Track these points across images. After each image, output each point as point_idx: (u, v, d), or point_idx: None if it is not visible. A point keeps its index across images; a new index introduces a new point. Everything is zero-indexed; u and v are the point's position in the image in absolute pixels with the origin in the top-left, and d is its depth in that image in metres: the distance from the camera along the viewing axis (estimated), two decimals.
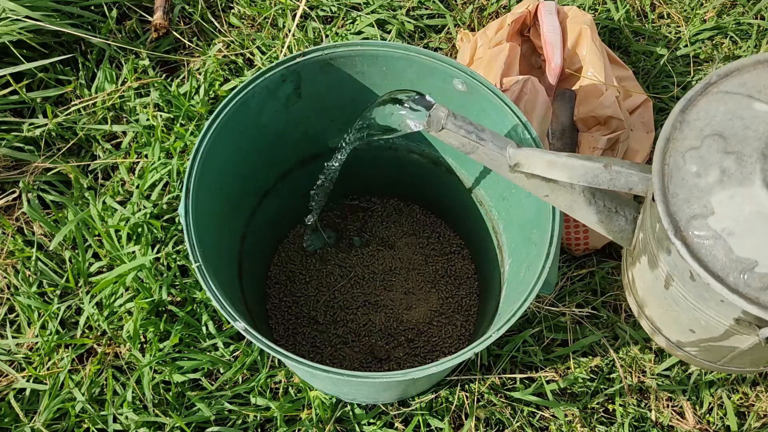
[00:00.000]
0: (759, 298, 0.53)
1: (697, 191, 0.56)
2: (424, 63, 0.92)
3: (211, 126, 0.87)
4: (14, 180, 1.32)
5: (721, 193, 0.55)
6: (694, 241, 0.56)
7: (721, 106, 0.58)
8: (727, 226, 0.55)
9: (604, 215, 0.71)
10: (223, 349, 1.16)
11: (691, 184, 0.57)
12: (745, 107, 0.57)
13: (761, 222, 0.54)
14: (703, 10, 1.55)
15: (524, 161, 0.73)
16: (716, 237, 0.55)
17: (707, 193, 0.56)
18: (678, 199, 0.57)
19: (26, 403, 1.13)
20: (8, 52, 1.38)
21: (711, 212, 0.56)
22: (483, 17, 1.53)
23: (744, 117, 0.57)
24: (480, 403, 1.13)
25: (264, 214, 1.13)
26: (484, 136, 0.75)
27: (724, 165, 0.56)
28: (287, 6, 1.50)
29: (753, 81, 0.58)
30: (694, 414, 1.15)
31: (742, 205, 0.54)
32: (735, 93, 0.58)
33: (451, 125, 0.75)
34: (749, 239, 0.54)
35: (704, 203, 0.56)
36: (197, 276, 0.80)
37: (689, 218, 0.56)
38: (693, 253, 0.56)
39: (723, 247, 0.55)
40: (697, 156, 0.57)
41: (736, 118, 0.57)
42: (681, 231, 0.56)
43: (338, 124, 1.08)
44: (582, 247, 1.24)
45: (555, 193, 0.72)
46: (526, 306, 0.78)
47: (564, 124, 1.29)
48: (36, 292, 1.20)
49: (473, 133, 0.75)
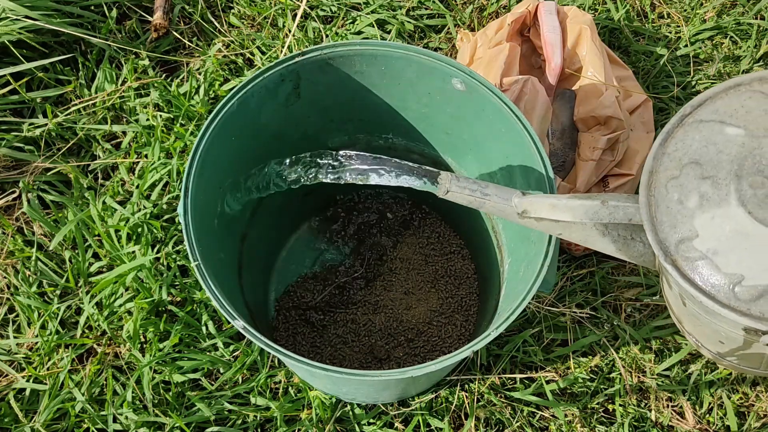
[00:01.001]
0: (750, 310, 0.56)
1: (681, 217, 0.60)
2: (423, 62, 0.92)
3: (210, 125, 0.87)
4: (14, 180, 1.32)
5: (702, 216, 0.59)
6: (683, 264, 0.60)
7: (696, 134, 0.62)
8: (711, 246, 0.58)
9: (620, 244, 0.73)
10: (223, 349, 1.16)
11: (675, 210, 0.61)
12: (717, 133, 0.61)
13: (741, 238, 0.57)
14: (703, 10, 1.54)
15: (530, 208, 0.77)
16: (703, 257, 0.59)
17: (690, 217, 0.60)
18: (665, 226, 0.61)
19: (26, 403, 1.13)
20: (8, 52, 1.38)
21: (696, 235, 0.59)
22: (483, 17, 1.53)
23: (717, 142, 0.60)
24: (480, 403, 1.13)
25: (264, 214, 1.13)
26: (488, 192, 0.79)
27: (702, 190, 0.60)
28: (287, 6, 1.50)
29: (725, 107, 0.62)
30: (694, 414, 1.14)
31: (722, 225, 0.58)
32: (708, 121, 0.62)
33: (454, 188, 0.79)
34: (733, 256, 0.57)
35: (689, 227, 0.60)
36: (196, 275, 0.80)
37: (677, 243, 0.60)
38: (684, 275, 0.59)
39: (710, 266, 0.58)
40: (678, 184, 0.61)
41: (711, 144, 0.61)
42: (671, 255, 0.60)
43: (337, 123, 1.08)
44: (582, 247, 1.24)
45: (568, 230, 0.75)
46: (525, 304, 0.78)
47: (564, 124, 1.29)
48: (36, 292, 1.20)
49: (477, 191, 0.79)
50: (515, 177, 0.94)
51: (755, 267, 0.56)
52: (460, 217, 1.25)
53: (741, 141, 0.59)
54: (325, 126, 1.07)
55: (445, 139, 1.06)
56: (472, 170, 1.07)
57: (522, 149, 0.88)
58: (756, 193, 0.57)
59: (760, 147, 0.58)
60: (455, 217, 1.27)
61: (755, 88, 0.60)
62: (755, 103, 0.60)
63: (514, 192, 0.79)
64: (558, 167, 1.27)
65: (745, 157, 0.59)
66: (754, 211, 0.57)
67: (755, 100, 0.60)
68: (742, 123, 0.60)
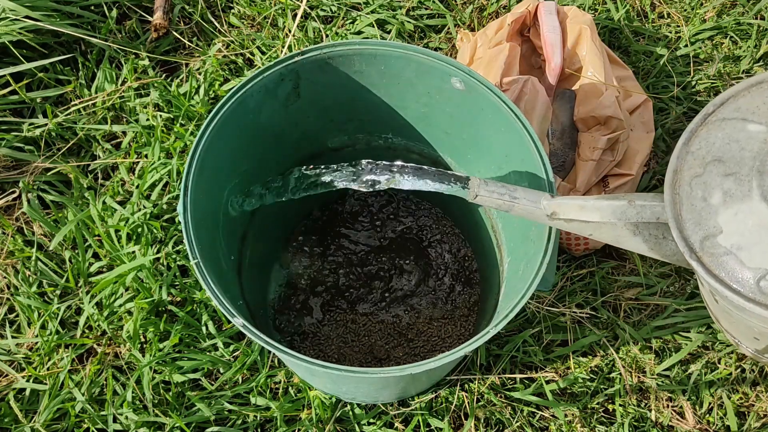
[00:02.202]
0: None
1: (705, 214, 0.61)
2: (423, 62, 0.92)
3: (210, 125, 0.87)
4: (14, 180, 1.32)
5: (725, 213, 0.60)
6: (708, 261, 0.61)
7: (719, 132, 0.63)
8: (735, 242, 0.59)
9: (652, 243, 0.74)
10: (223, 349, 1.16)
11: (699, 208, 0.62)
12: (740, 130, 0.61)
13: (764, 233, 0.58)
14: (703, 10, 1.54)
15: (558, 209, 0.77)
16: (727, 253, 0.59)
17: (714, 214, 0.61)
18: (689, 224, 0.62)
19: (26, 403, 1.13)
20: (8, 52, 1.38)
21: (720, 231, 0.60)
22: (483, 17, 1.53)
23: (740, 139, 0.61)
24: (480, 403, 1.13)
25: (264, 213, 1.13)
26: (517, 195, 0.79)
27: (725, 186, 0.61)
28: (287, 6, 1.50)
29: (747, 104, 0.62)
30: (694, 414, 1.14)
31: (745, 221, 0.59)
32: (731, 118, 0.62)
33: (483, 192, 0.80)
34: (756, 250, 0.58)
35: (713, 224, 0.61)
36: (196, 273, 0.80)
37: (701, 240, 0.61)
38: (709, 271, 0.60)
39: (735, 262, 0.59)
40: (701, 182, 0.62)
41: (733, 141, 0.61)
42: (696, 252, 0.61)
43: (337, 123, 1.08)
44: (582, 247, 1.24)
45: (598, 231, 0.76)
46: (525, 301, 0.78)
47: (564, 124, 1.29)
48: (36, 292, 1.20)
49: (506, 195, 0.80)
50: (515, 176, 0.94)
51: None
52: (460, 217, 1.25)
53: (763, 137, 0.60)
54: (324, 125, 1.07)
55: (444, 138, 1.06)
56: (471, 170, 1.07)
57: (521, 149, 0.88)
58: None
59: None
60: (455, 217, 1.27)
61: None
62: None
63: (543, 194, 0.80)
64: (558, 167, 1.27)
65: (767, 152, 0.59)
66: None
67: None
68: (764, 119, 0.61)
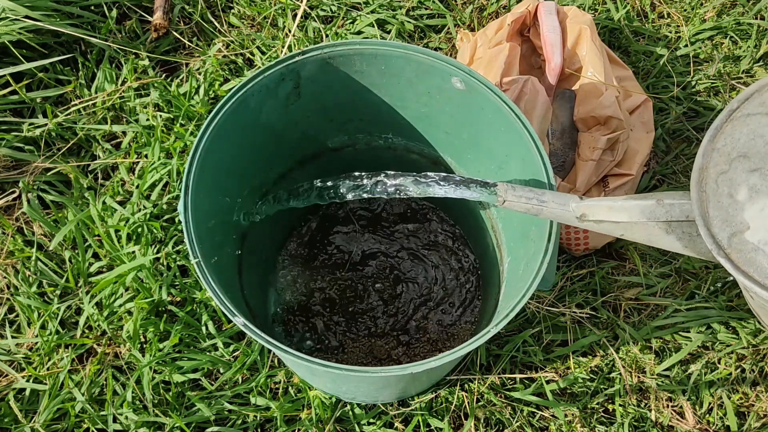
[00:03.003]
0: None
1: (732, 210, 0.61)
2: (423, 62, 0.92)
3: (210, 124, 0.87)
4: (14, 180, 1.32)
5: (752, 208, 0.60)
6: (737, 257, 0.61)
7: (744, 128, 0.62)
8: (763, 237, 0.59)
9: (686, 241, 0.74)
10: (223, 349, 1.15)
11: (725, 205, 0.62)
12: (764, 125, 0.61)
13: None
14: (703, 10, 1.55)
15: (588, 211, 0.77)
16: (755, 249, 0.60)
17: (740, 210, 0.61)
18: (717, 221, 0.62)
19: (26, 403, 1.13)
20: (8, 52, 1.38)
21: (747, 227, 0.60)
22: (483, 17, 1.53)
23: (765, 134, 0.61)
24: (480, 403, 1.13)
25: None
26: (545, 199, 0.79)
27: (751, 182, 0.61)
28: (287, 6, 1.50)
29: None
30: (694, 414, 1.14)
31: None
32: (756, 114, 0.62)
33: (511, 197, 0.80)
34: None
35: (740, 220, 0.61)
36: (196, 272, 0.80)
37: (729, 236, 0.61)
38: (738, 268, 0.60)
39: (764, 257, 0.59)
40: (727, 179, 0.62)
41: (758, 136, 0.61)
42: (724, 249, 0.61)
43: (337, 123, 1.08)
44: (582, 247, 1.24)
45: (630, 231, 0.76)
46: (524, 302, 0.78)
47: (564, 124, 1.29)
48: (36, 292, 1.20)
49: (533, 199, 0.80)
50: (515, 176, 0.94)
51: None
52: (460, 217, 1.25)
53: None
54: (324, 125, 1.07)
55: (444, 138, 1.06)
56: (471, 170, 1.07)
57: (522, 148, 0.88)
58: None
59: None
60: (455, 217, 1.27)
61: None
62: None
63: (572, 197, 0.80)
64: (558, 167, 1.27)
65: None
66: None
67: None
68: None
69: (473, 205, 1.13)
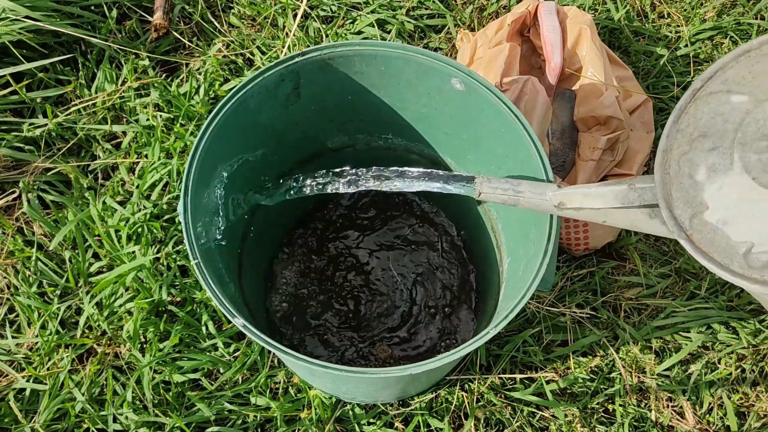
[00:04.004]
0: (764, 276, 0.56)
1: (692, 191, 0.60)
2: (422, 62, 0.92)
3: (210, 125, 0.87)
4: (14, 180, 1.32)
5: (711, 188, 0.59)
6: (697, 238, 0.60)
7: (705, 107, 0.61)
8: (721, 217, 0.59)
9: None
10: (223, 349, 1.16)
11: (687, 186, 0.61)
12: (724, 103, 0.60)
13: (748, 205, 0.57)
14: (703, 10, 1.54)
15: (565, 199, 0.77)
16: (714, 229, 0.59)
17: (700, 190, 0.60)
18: (679, 202, 0.61)
19: (26, 403, 1.13)
20: (8, 52, 1.38)
21: (706, 207, 0.59)
22: (483, 17, 1.53)
23: (724, 113, 0.60)
24: (480, 403, 1.13)
25: (264, 214, 1.13)
26: (521, 189, 0.80)
27: (709, 161, 0.60)
28: (287, 6, 1.50)
29: (734, 75, 0.60)
30: (694, 414, 1.14)
31: (729, 194, 0.58)
32: (717, 92, 0.61)
33: (486, 188, 0.81)
34: (741, 224, 0.57)
35: (699, 201, 0.60)
36: (196, 273, 0.80)
37: (690, 217, 0.60)
38: (698, 249, 0.59)
39: (722, 237, 0.58)
40: (688, 159, 0.61)
41: (718, 115, 0.60)
42: (686, 231, 0.60)
43: (337, 123, 1.08)
44: (582, 247, 1.24)
45: (611, 217, 0.75)
46: (524, 302, 0.78)
47: (564, 124, 1.29)
48: (36, 292, 1.20)
49: (509, 190, 0.80)
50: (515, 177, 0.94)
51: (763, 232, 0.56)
52: (460, 218, 1.25)
53: (745, 108, 0.59)
54: (324, 126, 1.07)
55: (444, 139, 1.06)
56: (471, 170, 1.07)
57: (521, 149, 0.88)
58: (760, 158, 0.57)
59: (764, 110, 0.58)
60: (455, 217, 1.27)
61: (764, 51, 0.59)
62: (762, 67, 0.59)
63: (548, 186, 0.79)
64: (558, 167, 1.27)
65: (748, 123, 0.58)
66: (759, 176, 0.57)
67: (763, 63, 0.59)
68: (748, 89, 0.59)
69: (472, 205, 1.13)
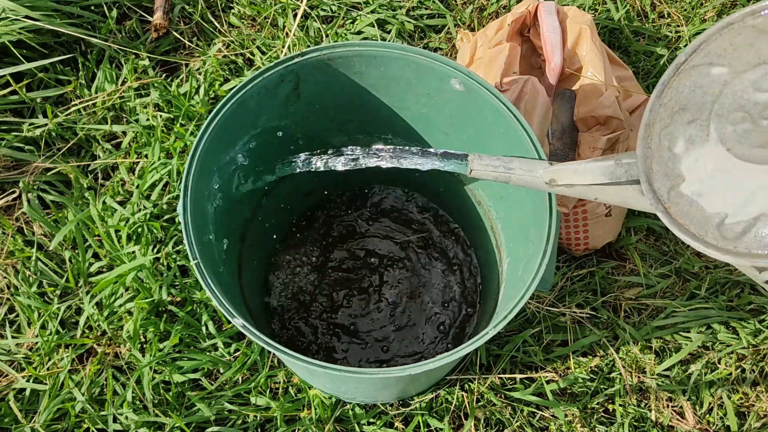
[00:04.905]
0: (737, 247, 0.56)
1: (671, 164, 0.61)
2: (422, 63, 0.92)
3: (210, 125, 0.87)
4: (14, 180, 1.32)
5: (687, 160, 0.59)
6: (674, 210, 0.60)
7: (687, 81, 0.61)
8: (696, 189, 0.58)
9: None
10: (223, 349, 1.16)
11: (666, 158, 0.61)
12: (704, 75, 0.60)
13: (722, 176, 0.57)
14: (703, 10, 1.54)
15: (556, 176, 0.77)
16: (690, 202, 0.59)
17: (678, 163, 0.60)
18: (659, 176, 0.61)
19: (26, 403, 1.13)
20: (8, 52, 1.38)
21: (683, 180, 0.59)
22: (483, 17, 1.53)
23: (703, 85, 0.60)
24: (480, 403, 1.13)
25: (263, 214, 1.13)
26: (512, 166, 0.80)
27: (688, 133, 0.60)
28: (287, 5, 1.50)
29: (716, 48, 0.60)
30: (694, 414, 1.14)
31: (705, 166, 0.58)
32: (699, 65, 0.60)
33: (477, 165, 0.81)
34: (716, 195, 0.57)
35: (677, 173, 0.60)
36: (196, 273, 0.80)
37: (668, 190, 0.60)
38: (674, 221, 0.59)
39: (697, 209, 0.58)
40: (668, 133, 0.61)
41: (698, 87, 0.60)
42: (663, 204, 0.60)
43: (337, 124, 1.08)
44: (582, 247, 1.24)
45: (603, 194, 0.75)
46: (523, 303, 0.78)
47: (564, 124, 1.29)
48: (36, 292, 1.20)
49: (500, 166, 0.80)
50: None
51: (736, 203, 0.56)
52: (460, 218, 1.25)
53: (723, 80, 0.58)
54: (324, 126, 1.07)
55: (443, 139, 1.06)
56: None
57: (520, 150, 0.88)
58: (736, 129, 0.57)
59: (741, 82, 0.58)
60: (455, 218, 1.27)
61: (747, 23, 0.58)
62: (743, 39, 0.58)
63: (540, 163, 0.79)
64: None
65: (726, 94, 0.58)
66: (733, 147, 0.56)
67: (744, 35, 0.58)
68: (727, 61, 0.59)
69: (472, 205, 1.13)
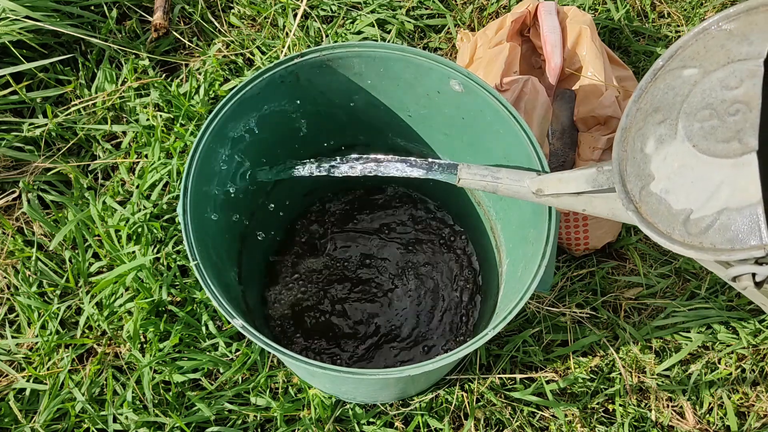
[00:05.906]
0: (702, 243, 0.56)
1: (642, 164, 0.61)
2: (421, 64, 0.92)
3: (210, 125, 0.87)
4: (14, 180, 1.32)
5: (657, 158, 0.60)
6: (644, 209, 0.60)
7: (661, 84, 0.62)
8: (664, 186, 0.59)
9: None
10: (224, 348, 1.16)
11: (638, 159, 0.61)
12: (677, 77, 0.61)
13: (687, 172, 0.57)
14: (703, 10, 1.54)
15: (542, 186, 0.78)
16: (659, 200, 0.59)
17: (648, 162, 0.60)
18: (632, 177, 0.62)
19: (26, 403, 1.13)
20: (8, 52, 1.38)
21: (652, 178, 0.60)
22: (483, 17, 1.53)
23: (675, 86, 0.60)
24: (480, 403, 1.13)
25: (263, 214, 1.13)
26: (500, 175, 0.81)
27: (658, 133, 0.60)
28: (287, 5, 1.50)
29: (690, 52, 0.61)
30: (694, 414, 1.14)
31: (671, 163, 0.58)
32: (674, 68, 0.61)
33: (465, 174, 0.83)
34: (681, 192, 0.58)
35: (647, 172, 0.60)
36: (196, 274, 0.80)
37: (640, 190, 0.61)
38: (644, 220, 0.60)
39: (665, 206, 0.59)
40: (641, 134, 0.62)
41: (670, 89, 0.61)
42: (635, 203, 0.61)
43: (337, 124, 1.08)
44: (582, 247, 1.24)
45: (591, 205, 0.75)
46: (523, 304, 0.78)
47: (564, 124, 1.29)
48: (36, 292, 1.20)
49: (488, 176, 0.81)
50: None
51: (701, 198, 0.56)
52: (460, 218, 1.25)
53: (694, 80, 0.59)
54: (324, 127, 1.07)
55: (443, 140, 1.06)
56: None
57: (520, 150, 0.88)
58: (702, 126, 0.57)
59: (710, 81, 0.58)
60: (455, 218, 1.27)
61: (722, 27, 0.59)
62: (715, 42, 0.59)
63: (527, 173, 0.80)
64: (558, 167, 1.27)
65: (695, 94, 0.59)
66: (699, 143, 0.57)
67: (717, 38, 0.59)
68: (699, 63, 0.59)
69: (472, 205, 1.13)
